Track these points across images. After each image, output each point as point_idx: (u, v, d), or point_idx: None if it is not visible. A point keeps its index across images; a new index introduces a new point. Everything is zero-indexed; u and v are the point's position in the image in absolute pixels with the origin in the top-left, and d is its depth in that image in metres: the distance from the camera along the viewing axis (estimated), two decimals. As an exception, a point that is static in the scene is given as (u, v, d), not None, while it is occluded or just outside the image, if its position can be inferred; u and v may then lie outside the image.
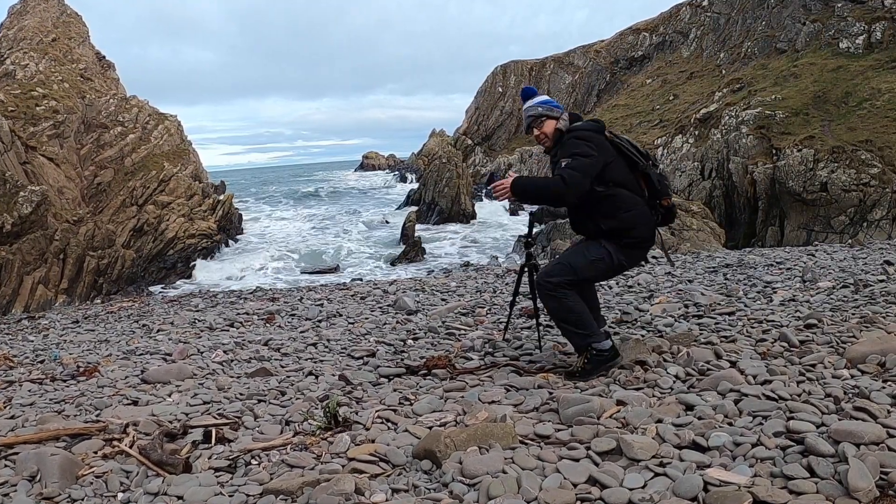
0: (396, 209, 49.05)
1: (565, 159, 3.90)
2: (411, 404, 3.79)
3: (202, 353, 6.23)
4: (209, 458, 3.29)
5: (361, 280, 17.47)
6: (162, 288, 28.54)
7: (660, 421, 3.06)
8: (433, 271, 21.15)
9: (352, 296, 9.52)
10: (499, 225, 40.81)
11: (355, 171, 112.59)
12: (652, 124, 40.95)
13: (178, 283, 30.10)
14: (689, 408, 3.22)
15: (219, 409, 4.14)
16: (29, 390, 5.23)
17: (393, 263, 31.09)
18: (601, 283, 6.83)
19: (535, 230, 4.75)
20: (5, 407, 4.64)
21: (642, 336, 4.73)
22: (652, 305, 5.97)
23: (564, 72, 63.92)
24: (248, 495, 2.82)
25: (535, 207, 5.69)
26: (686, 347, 4.21)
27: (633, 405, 3.29)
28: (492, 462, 2.76)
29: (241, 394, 4.52)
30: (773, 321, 4.84)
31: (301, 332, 7.00)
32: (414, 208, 42.93)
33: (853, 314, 4.84)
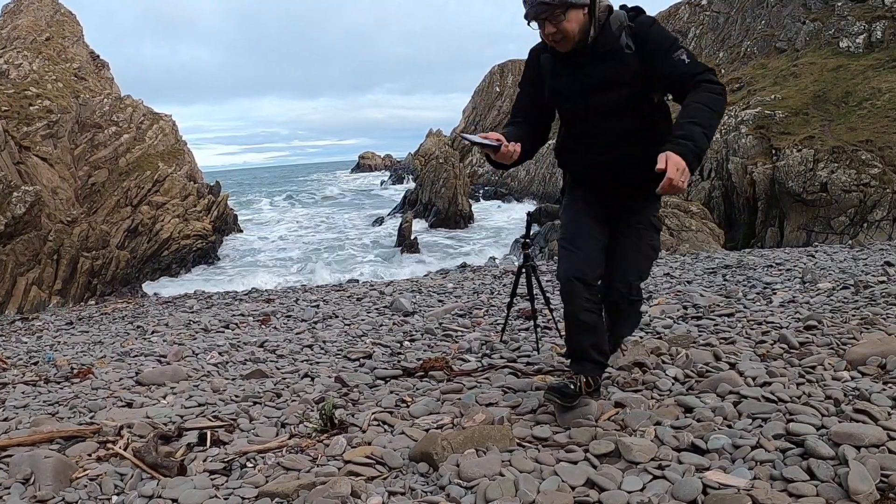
0: (393, 210, 49.04)
1: (678, 51, 2.95)
2: (408, 406, 3.75)
3: (197, 354, 6.19)
4: (204, 460, 3.26)
5: (357, 281, 17.43)
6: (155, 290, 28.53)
7: (658, 423, 3.03)
8: (430, 272, 21.10)
9: (348, 297, 9.47)
10: (496, 226, 40.82)
11: (352, 171, 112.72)
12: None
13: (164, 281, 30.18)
14: (688, 410, 3.19)
15: (214, 412, 4.10)
16: (22, 392, 5.18)
17: (403, 251, 31.66)
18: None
19: (532, 231, 4.71)
20: (-2, 409, 4.60)
21: (641, 338, 4.70)
22: (650, 307, 5.94)
23: (562, 71, 63.99)
24: (243, 498, 2.79)
25: (533, 207, 5.65)
26: (685, 349, 4.19)
27: (632, 407, 3.26)
28: (489, 465, 2.74)
29: (236, 396, 4.48)
30: (772, 323, 4.82)
31: (297, 333, 6.96)
32: (411, 209, 42.95)
33: (853, 316, 4.82)
